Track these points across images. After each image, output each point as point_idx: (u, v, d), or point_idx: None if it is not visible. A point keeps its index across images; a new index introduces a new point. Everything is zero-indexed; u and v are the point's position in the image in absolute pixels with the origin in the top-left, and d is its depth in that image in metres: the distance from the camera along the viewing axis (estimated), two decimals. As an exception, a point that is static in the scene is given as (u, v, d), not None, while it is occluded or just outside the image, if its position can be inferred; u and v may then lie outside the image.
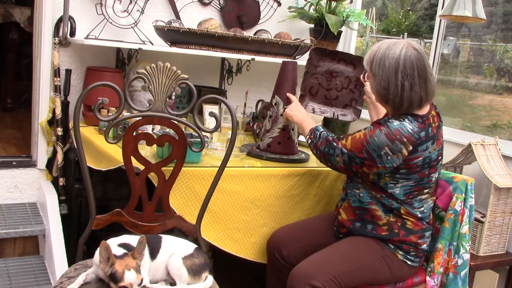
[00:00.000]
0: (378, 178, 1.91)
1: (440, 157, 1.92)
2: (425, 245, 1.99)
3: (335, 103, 2.37)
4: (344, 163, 1.92)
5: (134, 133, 1.83)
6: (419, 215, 1.94)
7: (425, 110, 1.90)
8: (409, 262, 1.96)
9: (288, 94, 2.31)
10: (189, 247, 1.76)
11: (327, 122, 3.24)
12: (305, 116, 2.19)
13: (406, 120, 1.84)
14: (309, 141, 2.07)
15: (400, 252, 1.96)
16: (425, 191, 1.94)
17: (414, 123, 1.83)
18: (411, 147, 1.82)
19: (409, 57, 1.80)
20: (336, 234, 2.11)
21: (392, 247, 1.96)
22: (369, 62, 1.89)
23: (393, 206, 1.93)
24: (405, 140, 1.80)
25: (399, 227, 1.94)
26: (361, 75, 2.28)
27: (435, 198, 2.03)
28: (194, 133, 2.11)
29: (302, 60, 3.20)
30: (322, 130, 2.05)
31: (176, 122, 1.85)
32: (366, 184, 1.97)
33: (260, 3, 3.39)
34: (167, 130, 2.14)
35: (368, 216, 1.98)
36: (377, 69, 1.84)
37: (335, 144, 1.94)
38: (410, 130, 1.81)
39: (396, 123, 1.83)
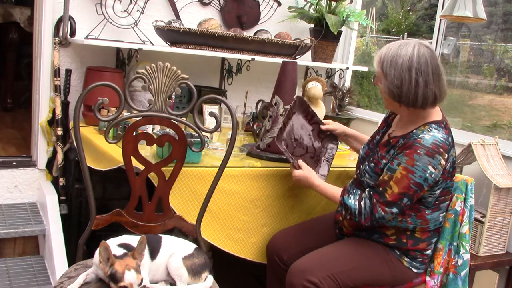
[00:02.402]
0: None
1: (455, 159, 1.92)
2: (430, 251, 1.99)
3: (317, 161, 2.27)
4: (397, 214, 1.85)
5: (134, 133, 1.83)
6: (435, 223, 1.93)
7: (439, 114, 1.88)
8: (414, 270, 1.96)
9: (299, 162, 2.12)
10: (189, 247, 1.76)
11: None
12: (319, 182, 2.07)
13: (433, 129, 1.81)
14: (349, 217, 1.94)
15: (406, 259, 1.95)
16: (447, 196, 1.94)
17: (441, 130, 1.81)
18: (446, 155, 1.79)
19: (423, 54, 1.78)
20: (339, 236, 2.11)
21: (398, 253, 1.95)
22: (379, 63, 1.84)
23: (410, 227, 1.91)
24: (442, 150, 1.77)
25: (407, 236, 1.92)
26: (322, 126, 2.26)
27: (448, 202, 2.01)
28: (194, 133, 2.11)
29: (302, 60, 3.21)
30: (354, 203, 1.89)
31: (176, 122, 1.85)
32: None
33: (260, 3, 3.39)
34: (167, 130, 2.14)
35: (376, 227, 1.95)
36: (388, 68, 1.80)
37: (381, 212, 1.82)
38: (442, 139, 1.78)
39: (427, 136, 1.78)
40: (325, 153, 2.28)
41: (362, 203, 1.87)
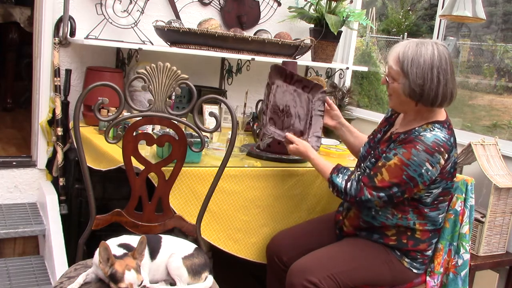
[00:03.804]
0: None
1: (457, 160, 1.92)
2: (430, 251, 1.99)
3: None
4: (385, 202, 1.85)
5: (134, 133, 1.83)
6: (434, 222, 1.93)
7: (443, 115, 1.88)
8: (414, 270, 1.96)
9: (287, 135, 2.14)
10: (189, 247, 1.76)
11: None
12: (314, 155, 2.06)
13: (436, 129, 1.81)
14: (335, 194, 1.96)
15: (407, 260, 1.94)
16: (447, 197, 1.94)
17: (443, 130, 1.81)
18: (446, 155, 1.79)
19: (443, 53, 1.79)
20: (339, 237, 2.10)
21: (399, 254, 1.94)
22: (398, 62, 1.81)
23: (411, 226, 1.91)
24: (442, 149, 1.77)
25: (408, 237, 1.92)
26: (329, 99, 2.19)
27: (448, 202, 2.00)
28: (194, 133, 2.11)
29: (302, 60, 3.21)
30: (341, 182, 1.91)
31: (176, 122, 1.85)
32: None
33: (260, 3, 3.39)
34: (167, 130, 2.14)
35: (376, 227, 1.95)
36: (410, 67, 1.78)
37: (368, 195, 1.83)
38: (443, 138, 1.79)
39: (429, 135, 1.78)
40: (315, 107, 2.20)
41: (349, 183, 1.89)
